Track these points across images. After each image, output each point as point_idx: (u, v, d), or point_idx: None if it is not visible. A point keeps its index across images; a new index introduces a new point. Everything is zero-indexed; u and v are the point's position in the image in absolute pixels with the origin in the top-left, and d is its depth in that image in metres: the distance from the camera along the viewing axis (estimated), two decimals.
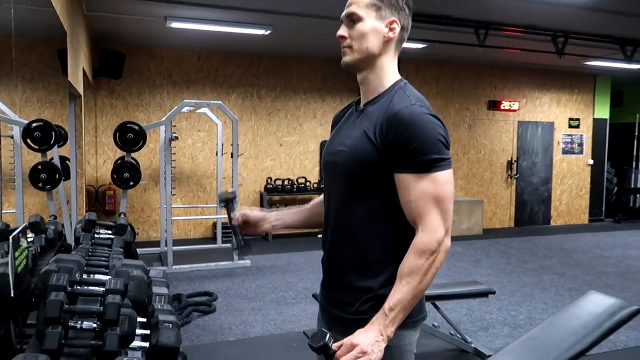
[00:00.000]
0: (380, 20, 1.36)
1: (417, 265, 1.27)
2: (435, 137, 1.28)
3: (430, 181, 1.27)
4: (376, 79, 1.41)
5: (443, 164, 1.28)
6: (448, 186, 1.29)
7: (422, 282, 1.28)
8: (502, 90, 8.91)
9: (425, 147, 1.26)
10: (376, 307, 1.32)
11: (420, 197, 1.27)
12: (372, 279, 1.35)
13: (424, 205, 1.27)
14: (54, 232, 3.15)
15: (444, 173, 1.28)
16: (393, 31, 1.38)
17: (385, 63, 1.40)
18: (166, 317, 2.71)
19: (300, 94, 8.02)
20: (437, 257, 1.28)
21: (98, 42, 6.66)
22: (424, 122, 1.28)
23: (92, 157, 7.08)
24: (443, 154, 1.28)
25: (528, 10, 5.24)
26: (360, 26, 1.36)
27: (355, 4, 1.38)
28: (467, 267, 6.11)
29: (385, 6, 1.36)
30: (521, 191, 9.17)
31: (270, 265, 6.07)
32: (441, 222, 1.28)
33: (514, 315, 4.41)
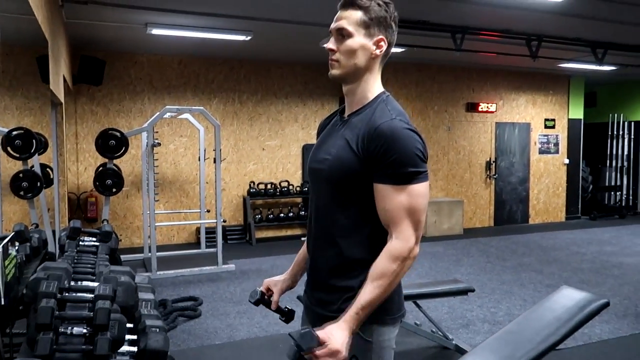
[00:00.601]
0: (369, 38, 1.43)
1: (388, 269, 1.35)
2: (413, 151, 1.35)
3: (406, 193, 1.35)
4: (361, 92, 1.48)
5: (419, 177, 1.36)
6: (422, 199, 1.38)
7: (391, 284, 1.36)
8: (479, 92, 9.10)
9: (403, 160, 1.34)
10: None
11: (395, 207, 1.35)
12: (352, 279, 1.43)
13: (399, 215, 1.35)
14: (38, 241, 3.17)
15: (419, 186, 1.37)
16: (380, 49, 1.44)
17: (370, 77, 1.48)
18: (153, 322, 2.76)
19: (281, 98, 8.08)
20: (406, 262, 1.37)
21: (78, 49, 6.63)
22: (403, 137, 1.35)
23: (73, 164, 7.04)
24: (420, 167, 1.36)
25: (503, 15, 5.39)
26: (349, 42, 1.42)
27: (346, 19, 1.43)
28: (449, 267, 6.23)
29: (374, 24, 1.42)
30: (500, 191, 9.36)
31: (255, 268, 6.11)
32: (413, 232, 1.37)
33: (493, 312, 4.53)
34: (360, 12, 1.42)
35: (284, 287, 1.72)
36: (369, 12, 1.42)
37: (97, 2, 4.68)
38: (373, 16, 1.42)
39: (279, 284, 1.72)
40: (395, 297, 1.45)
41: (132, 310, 2.04)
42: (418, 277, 5.73)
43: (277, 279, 1.73)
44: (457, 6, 5.04)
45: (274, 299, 1.68)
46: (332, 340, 1.28)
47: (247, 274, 5.85)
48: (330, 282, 1.47)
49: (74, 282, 2.30)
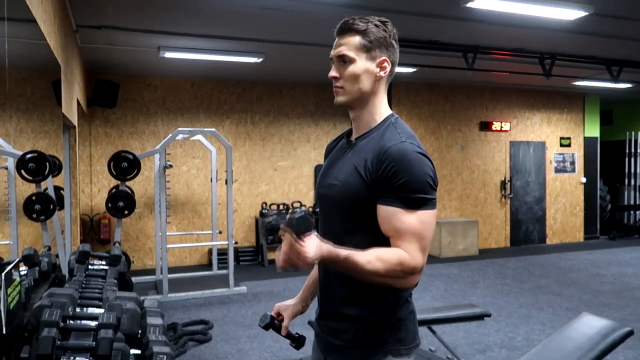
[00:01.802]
0: (372, 61, 1.40)
1: (390, 263, 1.27)
2: (422, 177, 1.30)
3: (415, 218, 1.30)
4: (368, 115, 1.45)
5: (427, 205, 1.31)
6: (429, 227, 1.32)
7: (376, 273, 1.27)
8: (493, 111, 9.03)
9: (411, 186, 1.29)
10: (371, 334, 1.37)
11: (405, 227, 1.30)
12: (362, 309, 1.38)
13: (408, 236, 1.30)
14: (47, 265, 3.15)
15: (427, 213, 1.31)
16: (384, 70, 1.41)
17: (376, 100, 1.44)
18: (160, 349, 2.70)
19: (293, 119, 8.10)
20: (406, 279, 1.30)
21: (92, 73, 6.73)
22: (413, 160, 1.30)
23: (86, 186, 7.09)
24: (428, 194, 1.31)
25: (515, 34, 5.35)
26: (352, 68, 1.39)
27: (346, 46, 1.40)
28: (464, 289, 6.09)
29: (375, 46, 1.40)
30: (516, 210, 9.20)
31: (267, 291, 6.04)
32: (421, 258, 1.30)
33: (511, 337, 4.40)
34: (358, 37, 1.39)
35: (294, 311, 1.66)
36: (367, 35, 1.39)
37: (110, 26, 4.75)
38: (372, 38, 1.39)
39: (290, 308, 1.66)
40: (409, 326, 1.40)
41: (137, 338, 1.99)
42: (433, 299, 5.60)
43: (288, 304, 1.68)
44: (468, 25, 5.02)
45: (284, 324, 1.63)
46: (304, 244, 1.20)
47: (258, 297, 5.78)
48: (341, 311, 1.42)
49: (80, 307, 2.27)
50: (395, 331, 1.36)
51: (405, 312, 1.40)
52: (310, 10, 4.36)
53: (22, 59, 4.18)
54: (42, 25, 2.61)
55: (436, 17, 4.77)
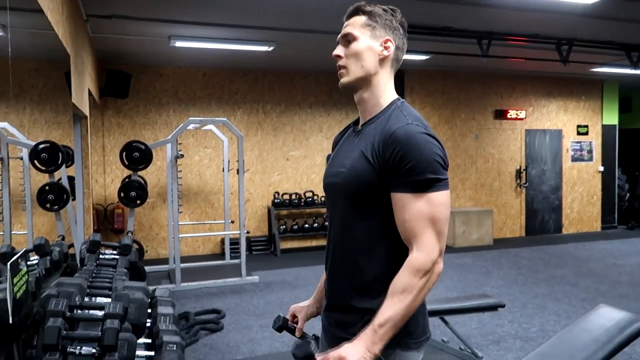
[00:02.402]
0: (375, 39, 1.39)
1: (411, 284, 1.25)
2: (431, 156, 1.26)
3: (426, 201, 1.26)
4: (373, 99, 1.41)
5: (439, 185, 1.27)
6: (443, 208, 1.28)
7: (414, 301, 1.26)
8: (508, 99, 8.87)
9: (420, 167, 1.25)
10: None
11: (415, 216, 1.26)
12: (372, 300, 1.33)
13: (419, 225, 1.26)
14: (59, 254, 3.16)
15: (440, 194, 1.27)
16: (388, 49, 1.40)
17: (381, 82, 1.41)
18: (170, 338, 2.70)
19: (305, 108, 8.04)
20: (430, 277, 1.27)
21: (104, 63, 6.74)
22: (420, 142, 1.27)
23: (100, 176, 7.13)
24: (439, 174, 1.27)
25: (530, 20, 5.22)
26: (355, 45, 1.39)
27: (351, 25, 1.41)
28: (478, 279, 6.03)
29: (380, 26, 1.39)
30: (531, 200, 9.07)
31: (279, 280, 6.04)
32: (436, 243, 1.26)
33: (526, 328, 4.34)
34: (364, 17, 1.41)
35: (309, 313, 1.65)
36: (373, 15, 1.40)
37: (120, 16, 4.74)
38: (377, 18, 1.40)
39: (304, 310, 1.64)
40: (419, 319, 1.35)
41: (144, 328, 1.98)
42: (446, 290, 5.55)
43: (303, 305, 1.66)
44: (483, 11, 4.90)
45: (299, 326, 1.61)
46: (342, 353, 1.21)
47: (270, 286, 5.78)
48: (350, 303, 1.39)
49: (89, 297, 2.27)
50: (405, 325, 1.31)
51: None
52: None
53: (34, 50, 4.19)
54: (49, 14, 2.59)
55: (450, 3, 4.67)
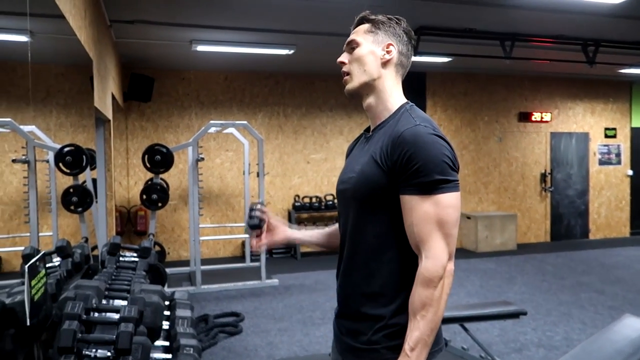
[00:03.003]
0: (377, 44, 1.42)
1: (427, 297, 1.23)
2: (439, 157, 1.25)
3: (433, 203, 1.24)
4: (380, 104, 1.42)
5: (447, 186, 1.25)
6: (451, 210, 1.25)
7: (437, 312, 1.24)
8: (532, 101, 8.71)
9: (428, 168, 1.24)
10: (389, 337, 1.31)
11: (422, 219, 1.24)
12: (384, 307, 1.32)
13: (426, 229, 1.24)
14: (80, 256, 3.20)
15: (448, 196, 1.25)
16: (389, 53, 1.41)
17: (386, 86, 1.41)
18: (187, 341, 2.71)
19: (326, 111, 8.03)
20: (445, 282, 1.25)
21: (128, 67, 6.85)
22: (428, 142, 1.26)
23: (123, 178, 7.24)
24: (447, 175, 1.25)
25: (555, 20, 5.11)
26: (358, 51, 1.42)
27: (355, 33, 1.45)
28: (501, 285, 5.92)
29: (382, 32, 1.42)
30: (556, 204, 8.88)
31: (298, 284, 6.03)
32: (444, 247, 1.24)
33: (549, 336, 4.23)
34: (368, 24, 1.44)
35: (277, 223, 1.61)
36: (376, 23, 1.43)
37: (143, 21, 4.80)
38: (380, 25, 1.43)
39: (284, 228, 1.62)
40: None
41: (159, 331, 1.99)
42: (467, 295, 5.47)
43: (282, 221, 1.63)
44: (505, 12, 4.82)
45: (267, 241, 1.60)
46: None
47: (290, 289, 5.77)
48: (361, 310, 1.36)
49: (107, 300, 2.29)
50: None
51: None
52: (340, 0, 4.28)
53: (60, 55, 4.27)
54: (70, 20, 2.63)
55: (471, 4, 4.61)
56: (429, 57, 6.45)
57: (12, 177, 4.56)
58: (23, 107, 4.26)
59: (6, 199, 4.56)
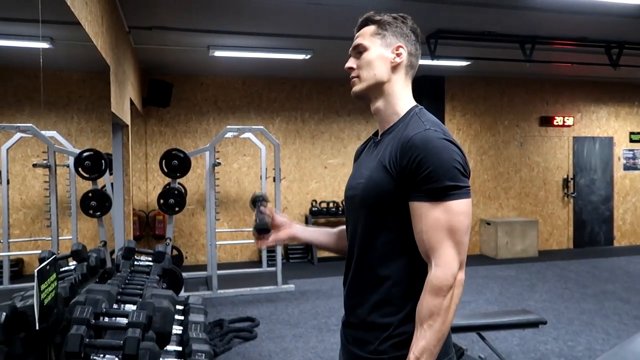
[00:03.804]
0: (386, 47, 1.37)
1: (436, 306, 1.19)
2: (449, 163, 1.21)
3: (444, 210, 1.20)
4: (389, 107, 1.38)
5: (458, 193, 1.21)
6: (462, 217, 1.21)
7: (444, 322, 1.20)
8: (554, 105, 8.55)
9: (438, 173, 1.20)
10: (396, 347, 1.27)
11: (432, 227, 1.20)
12: (391, 315, 1.28)
13: (437, 236, 1.20)
14: (96, 260, 3.22)
15: (459, 202, 1.21)
16: (400, 56, 1.37)
17: (396, 90, 1.38)
18: (199, 347, 2.70)
19: (343, 116, 8.01)
20: (454, 292, 1.20)
21: (147, 73, 6.93)
22: (438, 147, 1.22)
23: (142, 183, 7.32)
24: (458, 181, 1.21)
25: (577, 22, 5.00)
26: (366, 55, 1.38)
27: (361, 36, 1.41)
28: (521, 292, 5.79)
29: (390, 34, 1.38)
30: (579, 210, 8.68)
31: (314, 289, 6.00)
32: (455, 255, 1.20)
33: (571, 346, 4.11)
34: (374, 26, 1.39)
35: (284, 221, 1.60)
36: (382, 24, 1.39)
37: (160, 27, 4.85)
38: (387, 26, 1.38)
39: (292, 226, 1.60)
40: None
41: (169, 337, 1.98)
42: (486, 303, 5.36)
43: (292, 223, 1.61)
44: (525, 15, 4.74)
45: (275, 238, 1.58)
46: None
47: (306, 295, 5.74)
48: (367, 319, 1.33)
49: (119, 304, 2.29)
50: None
51: None
52: (357, 4, 4.26)
53: (81, 62, 4.34)
54: (86, 27, 2.66)
55: (490, 7, 4.53)
56: (448, 61, 6.38)
57: (34, 182, 4.63)
58: (45, 113, 4.34)
59: (29, 203, 4.64)
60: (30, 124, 3.58)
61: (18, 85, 3.77)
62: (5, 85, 3.77)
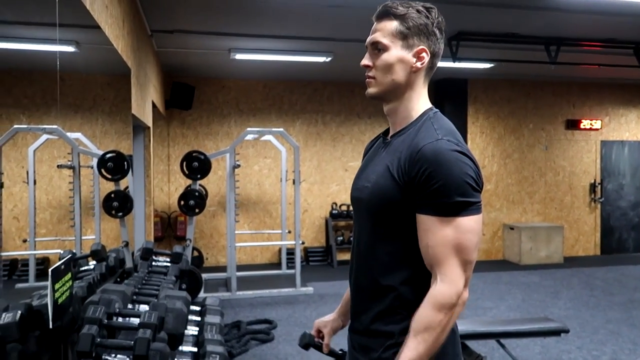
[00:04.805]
0: (408, 50, 1.27)
1: (435, 321, 1.15)
2: (461, 177, 1.15)
3: (453, 227, 1.15)
4: (404, 110, 1.32)
5: (469, 209, 1.16)
6: (472, 235, 1.17)
7: (439, 339, 1.17)
8: (581, 108, 8.34)
9: (448, 188, 1.15)
10: None
11: (440, 243, 1.16)
12: (395, 324, 1.26)
13: (444, 253, 1.16)
14: (115, 260, 3.27)
15: (469, 219, 1.16)
16: (422, 60, 1.28)
17: (413, 94, 1.31)
18: (214, 348, 2.70)
19: (364, 118, 7.97)
20: (455, 310, 1.17)
21: (170, 76, 7.02)
22: (450, 160, 1.16)
23: (165, 184, 7.41)
24: (469, 197, 1.16)
25: (604, 23, 4.87)
26: (385, 56, 1.28)
27: (380, 32, 1.29)
28: (544, 299, 5.65)
29: (413, 34, 1.27)
30: (607, 216, 8.44)
31: (333, 292, 5.97)
32: (461, 274, 1.16)
33: (596, 356, 3.99)
34: (396, 22, 1.27)
35: (334, 327, 1.59)
36: (405, 21, 1.26)
37: (182, 30, 4.90)
38: (411, 24, 1.26)
39: (329, 324, 1.59)
40: (448, 347, 1.24)
41: (181, 338, 1.98)
42: (508, 309, 5.25)
43: (327, 320, 1.61)
44: (550, 16, 4.63)
45: (325, 342, 1.58)
46: None
47: (324, 298, 5.72)
48: (371, 327, 1.30)
49: (134, 304, 2.31)
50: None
51: None
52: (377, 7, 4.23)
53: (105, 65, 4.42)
54: (106, 30, 2.70)
55: (513, 8, 4.45)
56: (470, 63, 6.30)
57: (60, 182, 4.73)
58: (71, 115, 4.43)
59: (55, 203, 4.74)
60: (56, 126, 3.65)
61: (46, 87, 3.85)
62: (34, 87, 3.86)
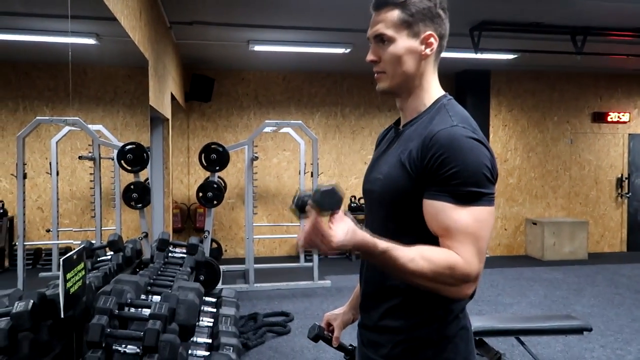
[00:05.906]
0: (415, 38, 1.21)
1: (438, 266, 1.06)
2: (476, 166, 1.09)
3: (470, 215, 1.09)
4: (416, 99, 1.26)
5: (483, 200, 1.10)
6: (485, 225, 1.10)
7: (418, 276, 1.07)
8: (608, 100, 8.11)
9: (462, 177, 1.08)
10: (408, 351, 1.21)
11: (458, 227, 1.09)
12: (404, 319, 1.21)
13: (460, 237, 1.09)
14: (131, 250, 3.28)
15: (481, 210, 1.10)
16: (430, 46, 1.22)
17: (425, 82, 1.26)
18: (228, 340, 2.69)
19: (384, 111, 7.89)
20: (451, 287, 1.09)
21: (189, 68, 7.04)
22: (465, 147, 1.10)
23: (184, 176, 7.46)
24: (483, 187, 1.10)
25: (633, 12, 4.70)
26: (392, 49, 1.21)
27: (383, 23, 1.22)
28: (567, 296, 5.53)
29: (418, 20, 1.20)
30: (634, 212, 8.21)
31: (351, 286, 5.88)
32: (477, 263, 1.09)
33: (620, 355, 3.88)
34: (397, 11, 1.20)
35: (344, 320, 1.57)
36: (408, 8, 1.19)
37: (201, 22, 4.90)
38: (414, 11, 1.19)
39: (339, 318, 1.57)
40: (459, 344, 1.19)
41: (193, 330, 1.97)
42: (529, 306, 5.15)
43: (337, 313, 1.58)
44: (576, 4, 4.49)
45: (335, 335, 1.55)
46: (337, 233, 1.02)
47: (342, 291, 5.69)
48: (381, 322, 1.27)
49: (148, 295, 2.31)
50: (441, 350, 1.17)
51: (455, 329, 1.20)
52: None
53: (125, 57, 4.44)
54: (122, 21, 2.70)
55: None
56: (493, 54, 6.16)
57: (83, 174, 4.79)
58: (93, 107, 4.47)
59: (78, 194, 4.80)
60: (77, 118, 3.68)
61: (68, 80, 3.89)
62: (57, 80, 3.89)
